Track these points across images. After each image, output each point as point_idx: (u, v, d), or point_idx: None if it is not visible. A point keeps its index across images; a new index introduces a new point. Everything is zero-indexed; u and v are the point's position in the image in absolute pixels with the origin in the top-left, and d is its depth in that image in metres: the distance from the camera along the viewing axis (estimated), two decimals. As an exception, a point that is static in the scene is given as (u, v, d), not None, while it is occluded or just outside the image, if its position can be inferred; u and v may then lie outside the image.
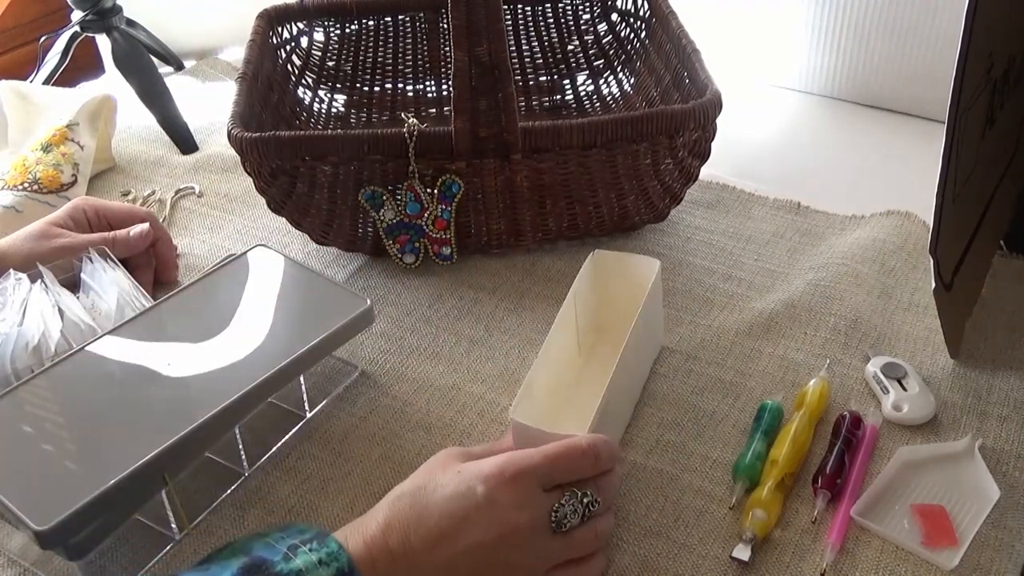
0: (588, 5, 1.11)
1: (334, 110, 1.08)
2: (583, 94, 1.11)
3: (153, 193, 1.02)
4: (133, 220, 0.86)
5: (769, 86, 1.19)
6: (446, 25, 1.08)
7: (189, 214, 0.98)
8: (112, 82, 1.19)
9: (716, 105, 0.82)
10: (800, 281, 0.85)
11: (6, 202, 0.94)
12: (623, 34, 1.09)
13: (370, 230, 0.86)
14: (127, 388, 0.65)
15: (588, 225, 0.88)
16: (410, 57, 1.10)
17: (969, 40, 0.60)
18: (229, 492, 0.68)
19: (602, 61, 1.11)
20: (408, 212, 0.84)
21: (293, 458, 0.70)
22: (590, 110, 1.09)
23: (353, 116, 1.09)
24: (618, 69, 1.10)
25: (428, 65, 1.11)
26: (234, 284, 0.75)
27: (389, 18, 1.09)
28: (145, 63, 1.14)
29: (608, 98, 1.09)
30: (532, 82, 1.12)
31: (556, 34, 1.12)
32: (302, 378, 0.71)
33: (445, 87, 1.11)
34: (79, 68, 1.26)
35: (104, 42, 1.26)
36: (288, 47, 1.05)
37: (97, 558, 0.63)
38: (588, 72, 1.12)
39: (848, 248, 0.87)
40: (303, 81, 1.06)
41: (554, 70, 1.12)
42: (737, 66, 1.18)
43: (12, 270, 0.76)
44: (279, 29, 1.03)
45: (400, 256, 0.86)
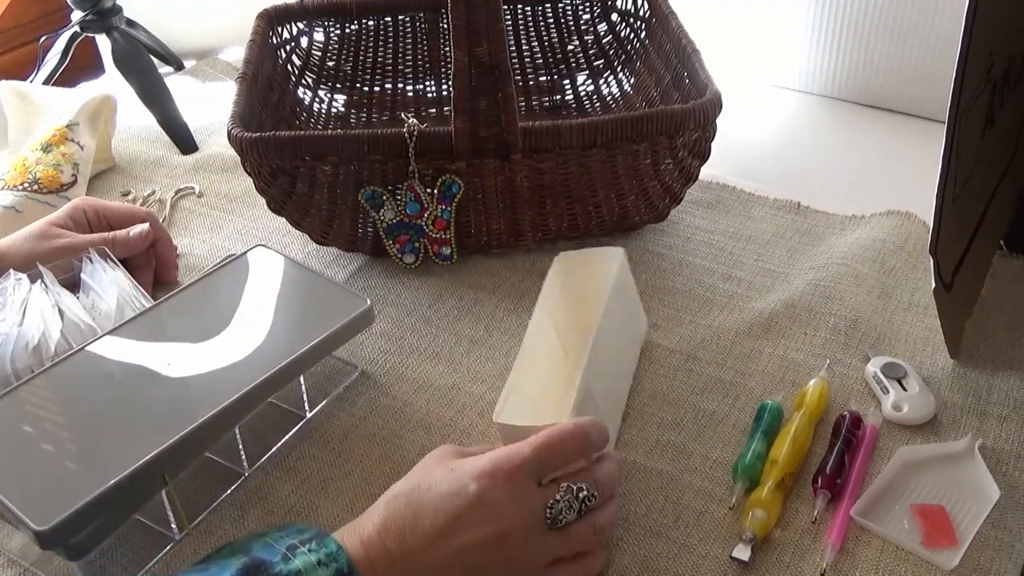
0: (588, 5, 1.11)
1: (334, 110, 1.09)
2: (583, 94, 1.11)
3: (153, 193, 1.02)
4: (133, 220, 0.86)
5: (769, 86, 1.19)
6: (446, 25, 1.08)
7: (189, 214, 0.98)
8: (112, 82, 1.19)
9: (716, 105, 0.82)
10: (800, 281, 0.85)
11: (6, 202, 0.94)
12: (623, 34, 1.09)
13: (370, 230, 0.86)
14: (127, 388, 0.65)
15: (588, 225, 0.88)
16: (410, 57, 1.10)
17: (969, 40, 0.60)
18: (229, 492, 0.68)
19: (602, 61, 1.11)
20: (408, 212, 0.84)
21: (293, 458, 0.70)
22: (590, 110, 1.09)
23: (353, 116, 1.09)
24: (618, 69, 1.10)
25: (428, 65, 1.11)
26: (234, 284, 0.75)
27: (389, 18, 1.09)
28: (145, 63, 1.14)
29: (608, 98, 1.09)
30: (532, 82, 1.12)
31: (556, 34, 1.12)
32: (302, 378, 0.71)
33: (445, 87, 1.11)
34: (79, 68, 1.26)
35: (104, 42, 1.26)
36: (288, 47, 1.05)
37: (97, 558, 0.63)
38: (588, 72, 1.12)
39: (848, 248, 0.87)
40: (303, 81, 1.06)
41: (554, 70, 1.12)
42: (737, 66, 1.18)
43: (12, 270, 0.76)
44: (279, 29, 1.03)
45: (400, 256, 0.86)
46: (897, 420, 0.71)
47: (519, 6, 1.11)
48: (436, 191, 0.83)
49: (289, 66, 1.05)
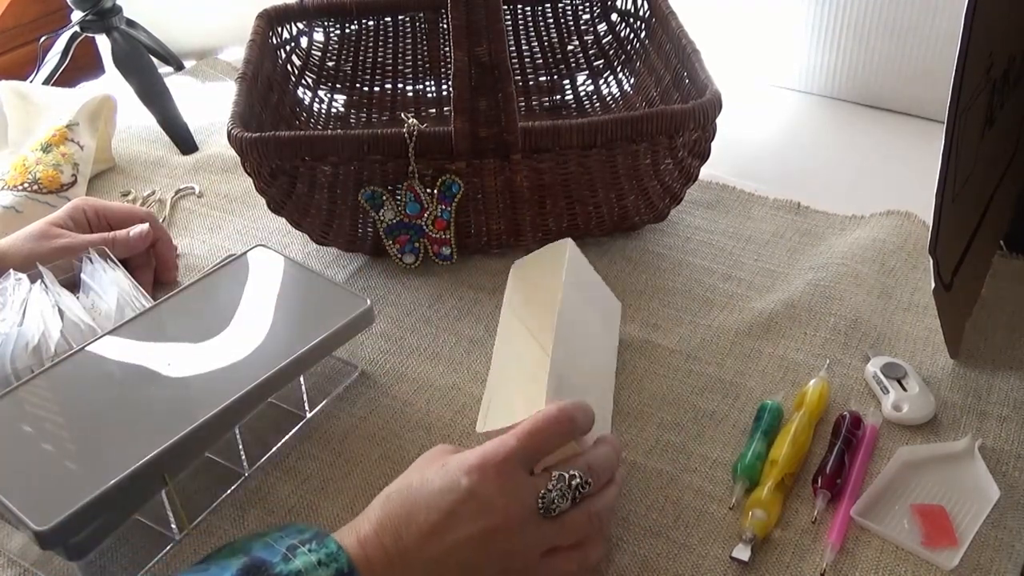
0: (588, 5, 1.12)
1: (334, 110, 1.09)
2: (583, 94, 1.11)
3: (153, 193, 1.02)
4: (133, 220, 0.86)
5: (769, 86, 1.19)
6: (446, 25, 1.08)
7: (189, 214, 0.98)
8: (112, 82, 1.19)
9: (716, 105, 0.82)
10: (800, 281, 0.85)
11: (6, 202, 0.94)
12: (623, 34, 1.09)
13: (370, 230, 0.86)
14: (127, 388, 0.65)
15: (588, 225, 0.88)
16: (410, 57, 1.10)
17: (969, 40, 0.60)
18: (229, 492, 0.68)
19: (602, 61, 1.11)
20: (408, 212, 0.84)
21: (293, 458, 0.70)
22: (590, 110, 1.09)
23: (353, 116, 1.09)
24: (618, 69, 1.10)
25: (428, 65, 1.11)
26: (234, 284, 0.75)
27: (389, 18, 1.09)
28: (145, 63, 1.14)
29: (608, 98, 1.09)
30: (532, 82, 1.12)
31: (556, 34, 1.12)
32: (302, 378, 0.71)
33: (445, 87, 1.11)
34: (79, 68, 1.26)
35: (104, 42, 1.26)
36: (288, 47, 1.05)
37: (97, 558, 0.63)
38: (588, 72, 1.12)
39: (848, 248, 0.87)
40: (303, 81, 1.06)
41: (554, 70, 1.12)
42: (737, 66, 1.18)
43: (12, 270, 0.76)
44: (279, 29, 1.03)
45: (400, 256, 0.86)
46: (897, 420, 0.71)
47: (519, 6, 1.11)
48: (436, 191, 0.83)
49: (289, 66, 1.05)
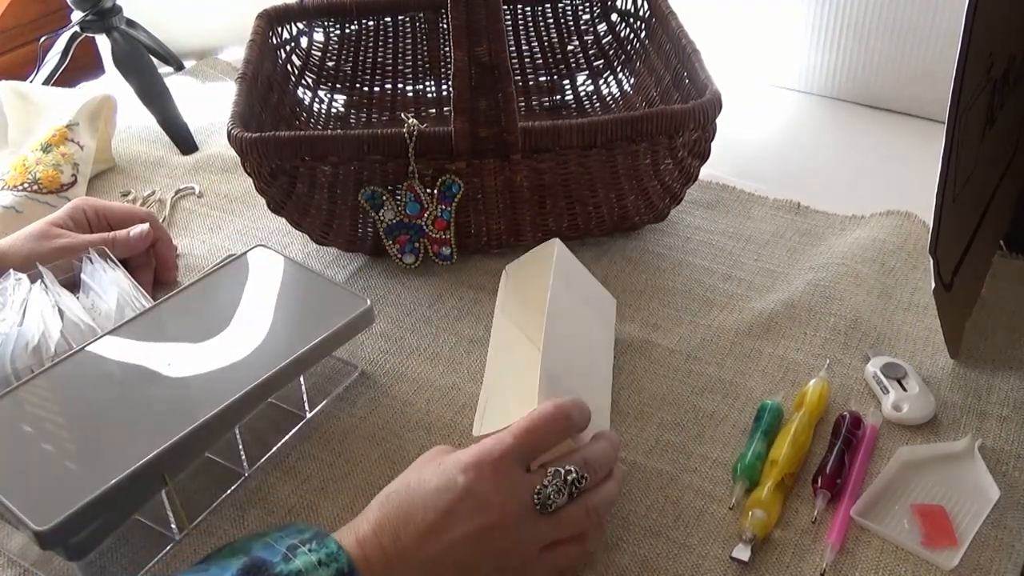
0: (588, 5, 1.12)
1: (334, 110, 1.09)
2: (583, 94, 1.11)
3: (153, 193, 1.02)
4: (133, 220, 0.86)
5: (769, 86, 1.19)
6: (446, 25, 1.08)
7: (189, 214, 0.98)
8: (112, 82, 1.19)
9: (716, 105, 0.82)
10: (800, 281, 0.85)
11: (6, 202, 0.94)
12: (623, 34, 1.09)
13: (370, 230, 0.86)
14: (127, 388, 0.65)
15: (588, 225, 0.88)
16: (410, 57, 1.10)
17: (969, 40, 0.60)
18: (229, 492, 0.68)
19: (602, 61, 1.11)
20: (408, 212, 0.84)
21: (293, 458, 0.70)
22: (590, 110, 1.09)
23: (353, 116, 1.09)
24: (618, 69, 1.10)
25: (428, 65, 1.11)
26: (234, 284, 0.75)
27: (389, 18, 1.09)
28: (145, 63, 1.14)
29: (608, 98, 1.09)
30: (532, 82, 1.12)
31: (556, 34, 1.12)
32: (302, 378, 0.71)
33: (445, 87, 1.11)
34: (79, 68, 1.26)
35: (104, 42, 1.26)
36: (288, 47, 1.05)
37: (97, 558, 0.63)
38: (588, 72, 1.12)
39: (848, 248, 0.87)
40: (303, 81, 1.06)
41: (554, 70, 1.12)
42: (737, 66, 1.18)
43: (12, 270, 0.76)
44: (279, 29, 1.03)
45: (400, 256, 0.86)
46: (897, 420, 0.71)
47: (519, 6, 1.11)
48: (436, 191, 0.83)
49: (289, 66, 1.05)
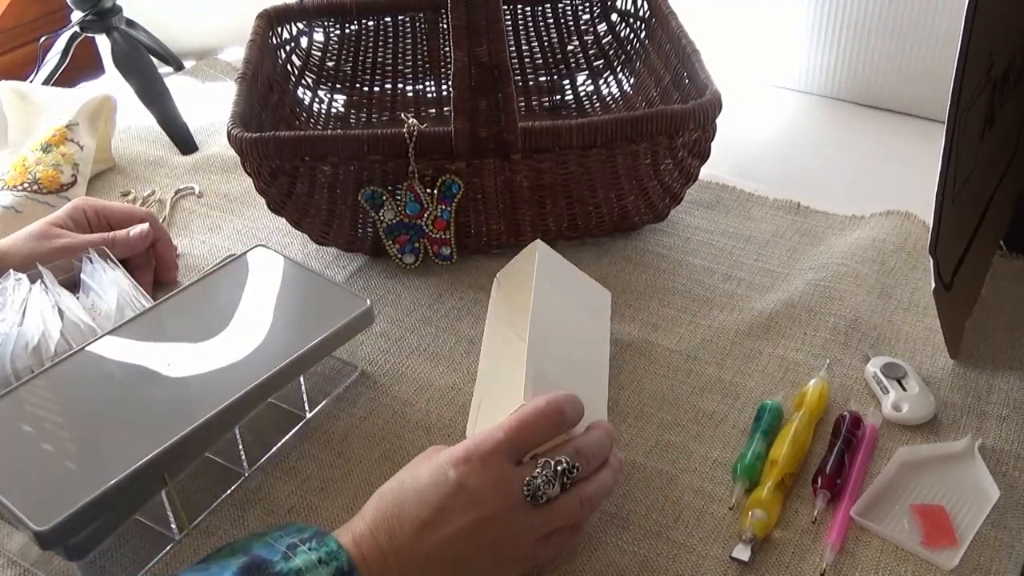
0: (588, 5, 1.12)
1: (334, 110, 1.09)
2: (583, 94, 1.11)
3: (153, 193, 1.02)
4: (133, 220, 0.86)
5: (769, 86, 1.19)
6: (446, 25, 1.08)
7: (189, 214, 0.98)
8: (112, 82, 1.19)
9: (716, 105, 0.82)
10: (800, 281, 0.85)
11: (6, 202, 0.94)
12: (623, 34, 1.09)
13: (370, 230, 0.86)
14: (127, 388, 0.65)
15: (588, 225, 0.88)
16: (410, 57, 1.10)
17: (969, 40, 0.60)
18: (229, 492, 0.68)
19: (602, 61, 1.11)
20: (408, 212, 0.84)
21: (293, 458, 0.70)
22: (590, 110, 1.09)
23: (353, 116, 1.09)
24: (618, 69, 1.10)
25: (428, 65, 1.11)
26: (234, 284, 0.75)
27: (389, 18, 1.09)
28: (145, 63, 1.14)
29: (608, 98, 1.09)
30: (532, 82, 1.12)
31: (556, 34, 1.12)
32: (302, 378, 0.71)
33: (445, 87, 1.11)
34: (79, 68, 1.26)
35: (104, 42, 1.26)
36: (288, 47, 1.05)
37: (97, 558, 0.63)
38: (588, 72, 1.12)
39: (848, 248, 0.87)
40: (303, 81, 1.06)
41: (554, 70, 1.12)
42: (737, 66, 1.18)
43: (12, 270, 0.76)
44: (279, 29, 1.03)
45: (400, 256, 0.86)
46: (897, 420, 0.71)
47: (519, 6, 1.11)
48: (436, 191, 0.83)
49: (289, 66, 1.05)
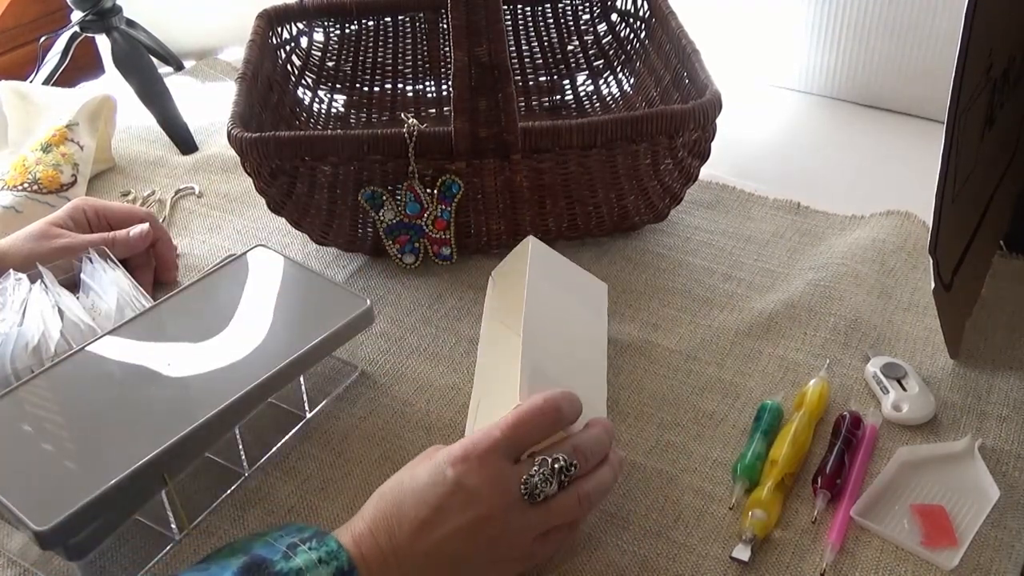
0: (588, 5, 1.12)
1: (334, 110, 1.09)
2: (583, 94, 1.11)
3: (153, 193, 1.02)
4: (133, 220, 0.86)
5: (769, 86, 1.19)
6: (446, 25, 1.08)
7: (189, 214, 0.98)
8: (112, 82, 1.19)
9: (716, 105, 0.82)
10: (800, 281, 0.85)
11: (6, 202, 0.94)
12: (623, 34, 1.09)
13: (370, 230, 0.86)
14: (127, 388, 0.65)
15: (588, 225, 0.88)
16: (410, 57, 1.10)
17: (969, 39, 0.60)
18: (229, 492, 0.68)
19: (602, 61, 1.11)
20: (408, 212, 0.84)
21: (293, 458, 0.70)
22: (590, 110, 1.09)
23: (353, 116, 1.09)
24: (618, 69, 1.10)
25: (428, 65, 1.11)
26: (234, 284, 0.75)
27: (389, 18, 1.09)
28: (145, 63, 1.14)
29: (608, 98, 1.09)
30: (532, 82, 1.12)
31: (556, 34, 1.12)
32: (302, 378, 0.71)
33: (445, 87, 1.11)
34: (79, 68, 1.26)
35: (104, 42, 1.26)
36: (288, 47, 1.05)
37: (97, 558, 0.63)
38: (588, 72, 1.12)
39: (848, 248, 0.87)
40: (303, 81, 1.06)
41: (554, 70, 1.12)
42: (737, 66, 1.18)
43: (12, 270, 0.76)
44: (279, 29, 1.03)
45: (400, 256, 0.86)
46: (897, 420, 0.71)
47: (519, 6, 1.11)
48: (436, 191, 0.83)
49: (289, 66, 1.05)
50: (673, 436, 0.71)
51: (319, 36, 1.07)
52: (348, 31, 1.08)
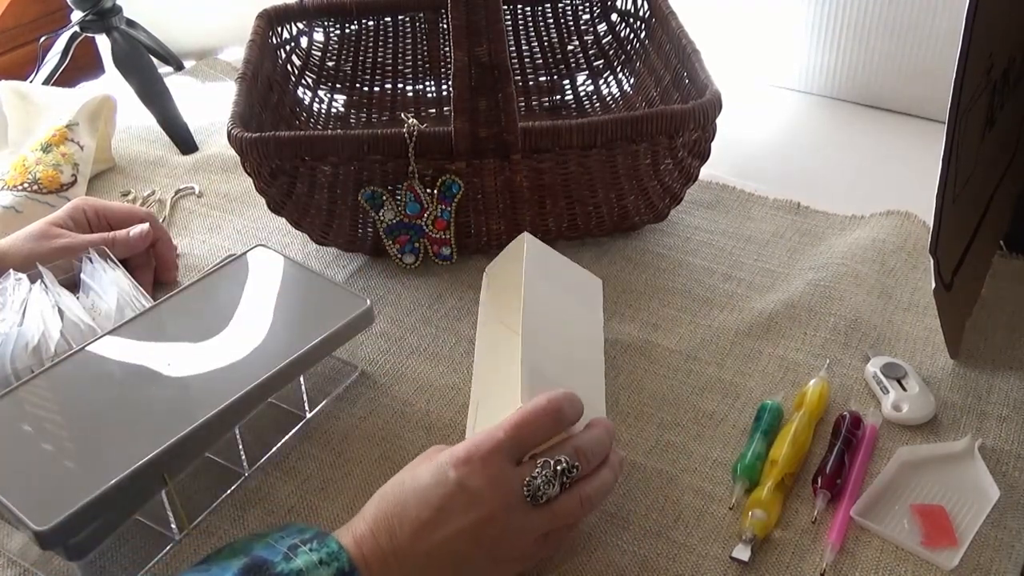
0: (588, 5, 1.12)
1: (334, 110, 1.09)
2: (583, 94, 1.11)
3: (153, 193, 1.02)
4: (133, 220, 0.86)
5: (769, 86, 1.19)
6: (446, 25, 1.08)
7: (189, 214, 0.98)
8: (112, 82, 1.19)
9: (716, 105, 0.82)
10: (800, 281, 0.85)
11: (6, 202, 0.94)
12: (623, 34, 1.09)
13: (370, 230, 0.86)
14: (127, 388, 0.65)
15: (588, 225, 0.88)
16: (410, 57, 1.10)
17: (969, 40, 0.60)
18: (229, 492, 0.68)
19: (602, 61, 1.11)
20: (408, 212, 0.84)
21: (293, 458, 0.70)
22: (590, 110, 1.09)
23: (353, 116, 1.09)
24: (618, 69, 1.10)
25: (428, 65, 1.11)
26: (234, 284, 0.75)
27: (389, 18, 1.09)
28: (145, 63, 1.14)
29: (608, 98, 1.09)
30: (532, 82, 1.12)
31: (556, 34, 1.12)
32: (302, 378, 0.71)
33: (445, 87, 1.11)
34: (79, 68, 1.26)
35: (104, 42, 1.26)
36: (288, 47, 1.05)
37: (97, 558, 0.63)
38: (588, 72, 1.12)
39: (848, 248, 0.87)
40: (303, 81, 1.06)
41: (554, 70, 1.12)
42: (737, 66, 1.18)
43: (12, 270, 0.76)
44: (279, 29, 1.03)
45: (400, 256, 0.86)
46: (897, 420, 0.71)
47: (519, 6, 1.11)
48: (436, 191, 0.83)
49: (289, 66, 1.05)
50: (673, 436, 0.71)
51: (319, 36, 1.07)
52: (348, 31, 1.08)
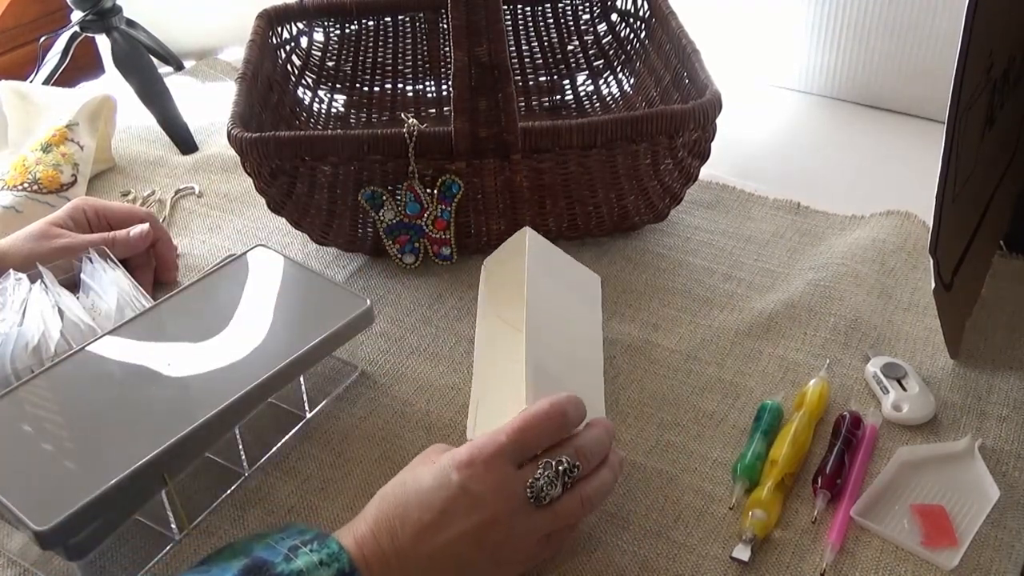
0: (588, 5, 1.12)
1: (334, 110, 1.09)
2: (583, 94, 1.11)
3: (153, 193, 1.02)
4: (133, 220, 0.86)
5: (769, 86, 1.19)
6: (446, 25, 1.08)
7: (189, 214, 0.98)
8: (112, 82, 1.19)
9: (716, 105, 0.82)
10: (800, 281, 0.85)
11: (6, 202, 0.94)
12: (623, 34, 1.09)
13: (370, 230, 0.86)
14: (127, 388, 0.65)
15: (588, 225, 0.88)
16: (410, 57, 1.10)
17: (969, 40, 0.60)
18: (229, 492, 0.68)
19: (602, 61, 1.11)
20: (408, 212, 0.84)
21: (293, 458, 0.70)
22: (590, 110, 1.09)
23: (353, 116, 1.09)
24: (618, 69, 1.10)
25: (428, 65, 1.11)
26: (234, 284, 0.75)
27: (389, 18, 1.09)
28: (145, 63, 1.14)
29: (608, 98, 1.09)
30: (532, 82, 1.12)
31: (556, 34, 1.12)
32: (302, 378, 0.71)
33: (445, 87, 1.11)
34: (79, 68, 1.26)
35: (104, 42, 1.26)
36: (288, 47, 1.05)
37: (97, 558, 0.63)
38: (588, 72, 1.12)
39: (848, 248, 0.87)
40: (303, 81, 1.06)
41: (554, 70, 1.12)
42: (737, 66, 1.18)
43: (12, 270, 0.76)
44: (279, 29, 1.03)
45: (400, 256, 0.86)
46: (897, 420, 0.71)
47: (519, 6, 1.11)
48: (436, 191, 0.83)
49: (289, 66, 1.05)
50: (673, 436, 0.71)
51: (319, 36, 1.07)
52: (348, 31, 1.08)
